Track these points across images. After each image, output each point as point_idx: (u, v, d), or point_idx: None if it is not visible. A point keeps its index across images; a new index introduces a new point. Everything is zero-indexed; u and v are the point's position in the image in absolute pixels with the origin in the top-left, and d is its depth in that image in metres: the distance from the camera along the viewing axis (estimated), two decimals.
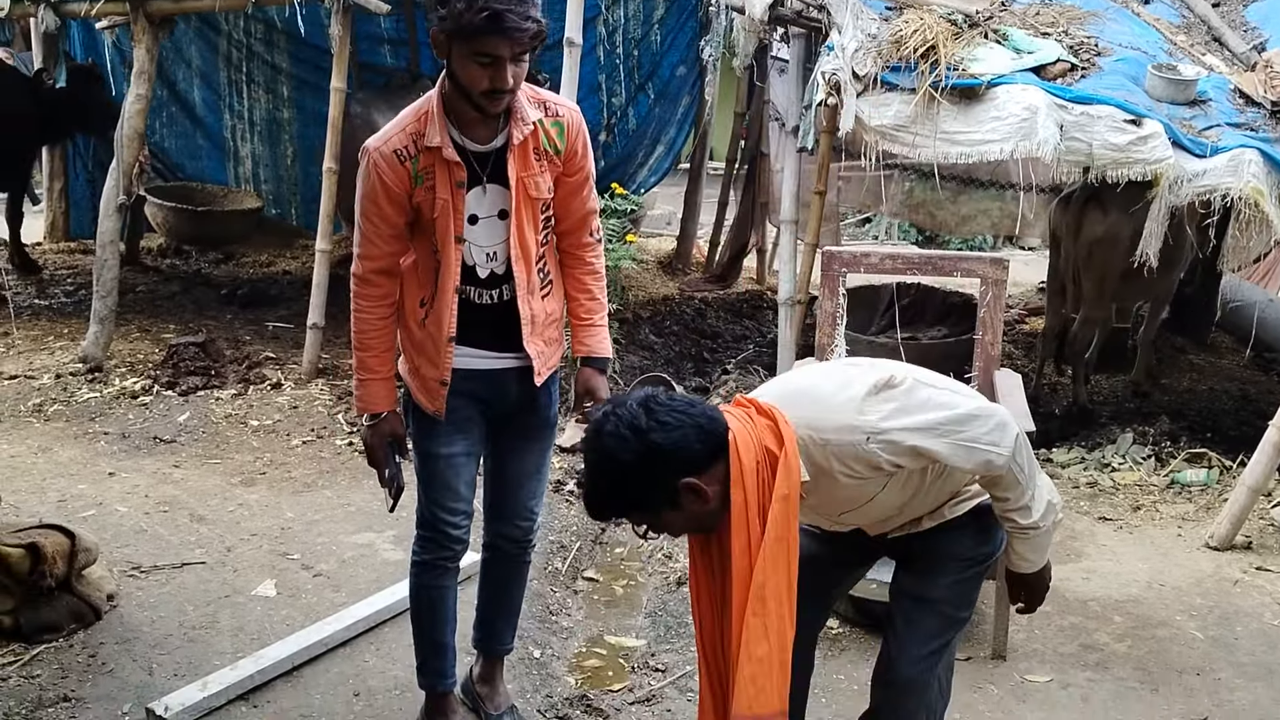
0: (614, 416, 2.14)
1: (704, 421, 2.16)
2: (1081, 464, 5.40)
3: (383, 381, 2.80)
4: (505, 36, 2.43)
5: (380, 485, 2.89)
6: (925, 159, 5.02)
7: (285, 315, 7.03)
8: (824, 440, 2.20)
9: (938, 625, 2.52)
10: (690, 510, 2.18)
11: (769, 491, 2.15)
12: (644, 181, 9.10)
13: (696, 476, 2.13)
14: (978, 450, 2.24)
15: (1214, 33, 5.89)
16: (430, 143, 2.61)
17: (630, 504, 2.19)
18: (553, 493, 4.81)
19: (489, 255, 2.73)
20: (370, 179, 2.64)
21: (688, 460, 2.13)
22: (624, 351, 6.41)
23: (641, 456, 2.10)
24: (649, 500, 2.16)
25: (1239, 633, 3.95)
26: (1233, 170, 4.81)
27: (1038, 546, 2.49)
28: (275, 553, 4.18)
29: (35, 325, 6.77)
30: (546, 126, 2.70)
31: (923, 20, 5.11)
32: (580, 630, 3.96)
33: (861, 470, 2.22)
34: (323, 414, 5.54)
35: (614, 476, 2.14)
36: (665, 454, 2.11)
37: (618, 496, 2.17)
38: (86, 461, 4.93)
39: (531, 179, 2.69)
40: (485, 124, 2.64)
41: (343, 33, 5.86)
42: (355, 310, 2.79)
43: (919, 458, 2.23)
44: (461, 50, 2.48)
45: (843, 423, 2.19)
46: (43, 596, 3.48)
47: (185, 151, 8.96)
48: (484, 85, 2.50)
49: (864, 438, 2.18)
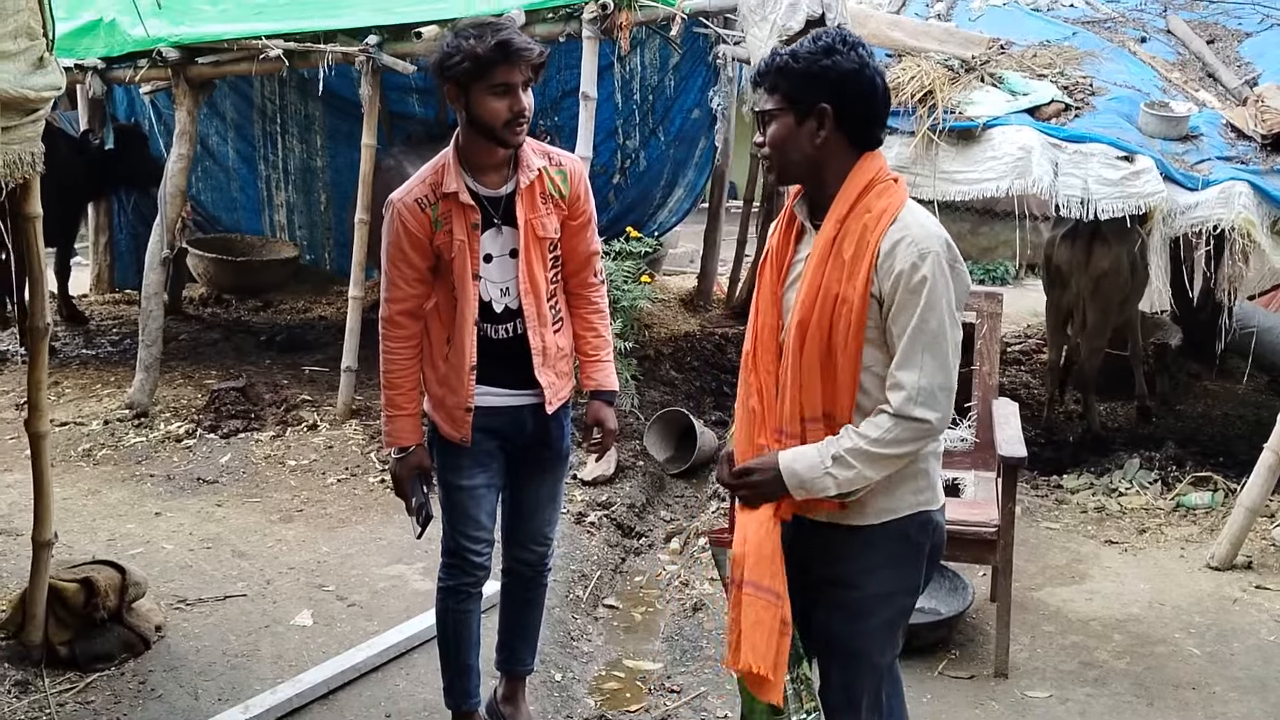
0: (839, 29, 2.37)
1: (881, 103, 2.35)
2: (1090, 489, 5.55)
3: (409, 417, 3.05)
4: (516, 61, 2.75)
5: (408, 514, 3.12)
6: (925, 197, 5.22)
7: (321, 359, 7.30)
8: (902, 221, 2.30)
9: (871, 680, 2.49)
10: (802, 133, 2.32)
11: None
12: (664, 222, 9.35)
13: (836, 113, 2.29)
14: (911, 371, 2.24)
15: (1208, 69, 6.09)
16: (447, 189, 2.90)
17: (786, 76, 2.32)
18: (574, 524, 5.03)
19: (502, 290, 2.99)
20: (395, 227, 2.93)
21: (843, 96, 2.28)
22: (644, 387, 6.62)
23: (826, 53, 2.28)
24: (796, 88, 2.30)
25: (1236, 649, 4.09)
26: (1224, 202, 5.00)
27: (806, 460, 2.30)
28: (312, 585, 4.42)
29: (84, 374, 7.09)
30: (551, 174, 3.00)
31: (920, 67, 5.35)
32: (600, 654, 4.16)
33: (865, 262, 2.27)
34: (356, 453, 5.79)
35: (799, 53, 2.30)
36: (841, 72, 2.27)
37: (785, 66, 2.32)
38: (134, 502, 5.21)
39: (539, 220, 2.97)
40: (496, 170, 2.93)
41: (372, 92, 6.16)
42: (384, 351, 3.04)
43: (896, 312, 2.25)
44: (478, 89, 2.78)
45: (924, 232, 2.28)
46: (96, 628, 3.71)
47: (221, 204, 9.32)
48: (505, 115, 2.79)
49: (918, 247, 2.24)
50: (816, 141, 2.32)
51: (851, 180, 2.33)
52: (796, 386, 2.35)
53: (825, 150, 2.33)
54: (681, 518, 5.47)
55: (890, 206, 2.30)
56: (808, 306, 2.33)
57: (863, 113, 2.33)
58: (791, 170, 2.39)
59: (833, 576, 2.47)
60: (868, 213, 2.30)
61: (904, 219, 2.29)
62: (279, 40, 6.05)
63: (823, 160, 2.34)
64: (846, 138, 2.33)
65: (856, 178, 2.33)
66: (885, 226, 2.28)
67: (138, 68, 6.46)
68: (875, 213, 2.30)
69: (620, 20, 5.77)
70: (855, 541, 2.41)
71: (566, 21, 5.93)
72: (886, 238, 2.27)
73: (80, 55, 6.46)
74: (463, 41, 2.76)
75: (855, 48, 2.31)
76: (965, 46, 5.74)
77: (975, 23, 6.74)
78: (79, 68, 6.54)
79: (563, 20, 5.94)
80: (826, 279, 2.31)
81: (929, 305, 2.23)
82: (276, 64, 6.13)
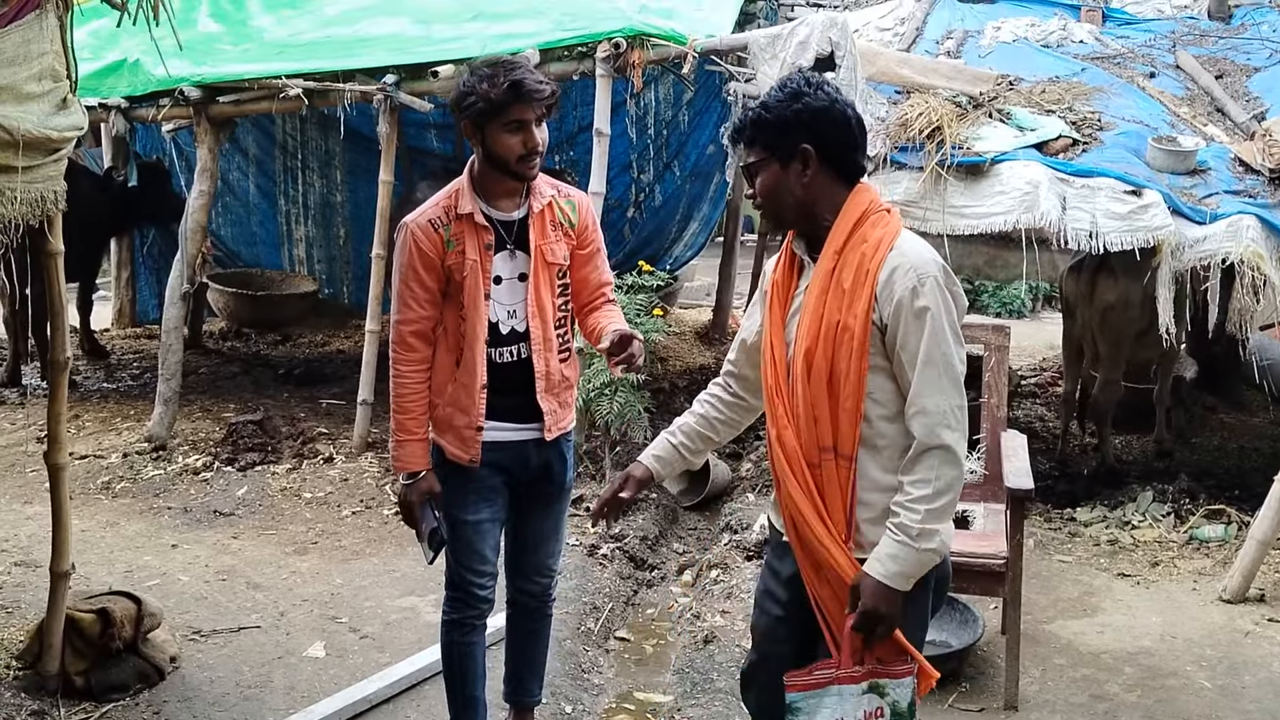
0: (800, 73, 2.46)
1: (857, 131, 2.43)
2: (1103, 522, 5.54)
3: (419, 442, 3.08)
4: (528, 101, 2.86)
5: (418, 540, 3.14)
6: (934, 231, 5.27)
7: (338, 393, 7.37)
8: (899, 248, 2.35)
9: None
10: (789, 177, 2.40)
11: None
12: (679, 256, 9.42)
13: (817, 150, 2.37)
14: (931, 396, 2.29)
15: (1216, 103, 6.12)
16: (462, 211, 2.99)
17: (763, 129, 2.41)
18: (587, 556, 5.06)
19: (510, 312, 3.05)
20: (408, 248, 3.01)
21: (821, 135, 2.37)
22: (658, 419, 6.64)
23: (796, 98, 2.37)
24: (775, 138, 2.39)
25: (1247, 681, 4.07)
26: (1232, 235, 5.02)
27: (898, 557, 2.29)
28: (325, 616, 4.46)
29: (104, 407, 7.18)
30: (561, 204, 3.11)
31: (928, 104, 5.41)
32: (611, 687, 4.18)
33: (866, 290, 2.32)
34: (371, 485, 5.84)
35: (769, 104, 2.40)
36: (813, 112, 2.36)
37: (760, 120, 2.41)
38: (151, 535, 5.27)
39: (549, 246, 3.06)
40: (509, 196, 3.03)
41: (390, 130, 6.26)
42: (395, 375, 3.08)
43: (903, 339, 2.31)
44: (493, 126, 2.90)
45: (921, 258, 2.34)
46: (111, 658, 3.76)
47: (240, 238, 9.45)
48: (519, 150, 2.91)
49: (917, 272, 2.31)
50: (805, 181, 2.40)
51: (846, 212, 2.40)
52: (810, 418, 2.40)
53: (814, 188, 2.41)
54: (694, 550, 5.50)
55: (886, 235, 2.37)
56: (811, 336, 2.38)
57: (842, 144, 2.41)
58: (788, 214, 2.47)
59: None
60: (864, 242, 2.36)
61: (900, 246, 2.35)
62: (299, 80, 6.16)
63: (814, 198, 2.42)
64: (833, 171, 2.41)
65: (851, 210, 2.40)
66: (883, 255, 2.34)
67: (160, 106, 6.60)
68: (872, 242, 2.36)
69: (633, 59, 5.86)
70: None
71: (580, 60, 6.03)
72: (885, 265, 2.33)
73: (105, 94, 6.60)
74: (478, 84, 2.87)
75: (820, 86, 2.40)
76: (973, 83, 5.80)
77: (985, 59, 6.81)
78: (103, 106, 6.68)
79: (577, 59, 6.04)
80: (828, 309, 2.37)
81: (936, 330, 2.30)
82: (296, 103, 6.24)
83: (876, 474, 2.39)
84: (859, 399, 2.35)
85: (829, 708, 2.36)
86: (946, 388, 2.31)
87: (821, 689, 2.36)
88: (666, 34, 5.90)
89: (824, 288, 2.38)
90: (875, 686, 2.36)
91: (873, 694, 2.36)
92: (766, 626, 2.64)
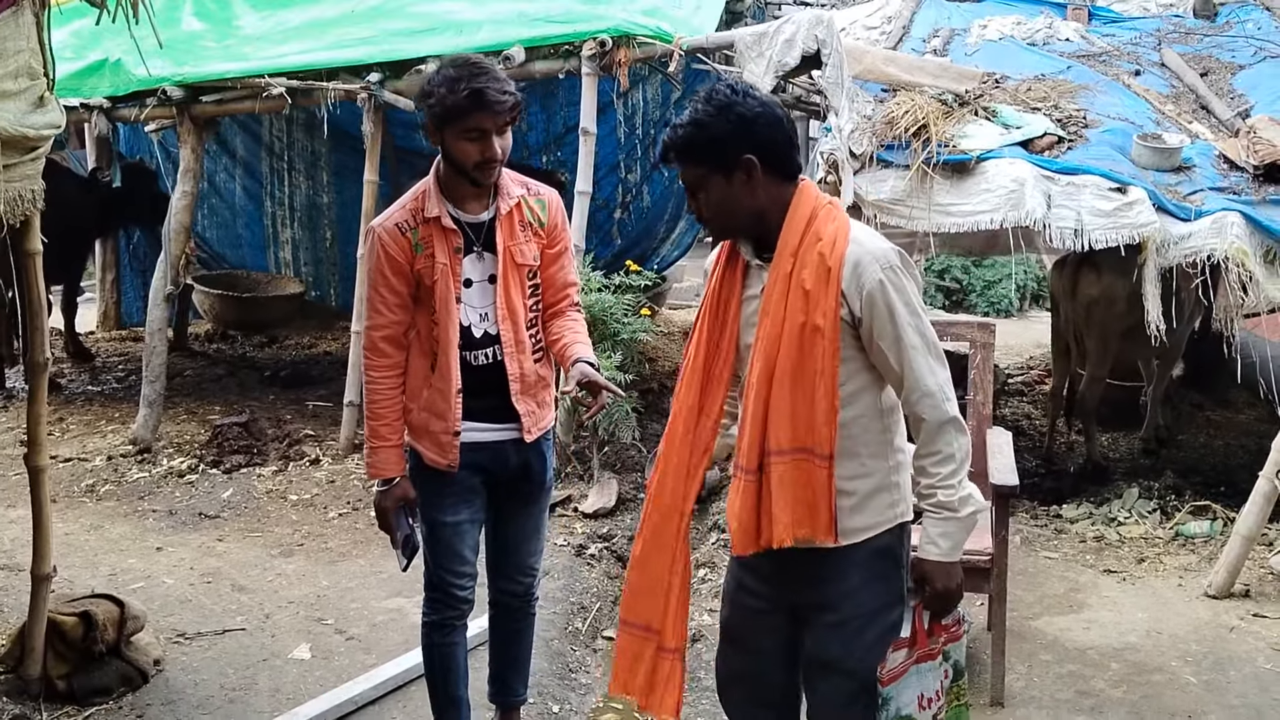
0: (723, 82, 2.43)
1: (790, 130, 2.42)
2: (1089, 519, 5.55)
3: (393, 449, 3.05)
4: (488, 111, 2.80)
5: (393, 547, 3.13)
6: (921, 230, 5.27)
7: (325, 394, 7.34)
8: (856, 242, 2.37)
9: (865, 694, 2.46)
10: (735, 188, 2.38)
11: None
12: (666, 256, 9.42)
13: (760, 163, 2.36)
14: (927, 377, 2.34)
15: (1201, 101, 6.14)
16: (429, 214, 2.95)
17: (700, 147, 2.37)
18: (575, 556, 5.04)
19: (481, 315, 3.02)
20: (376, 253, 2.97)
21: (760, 141, 2.35)
22: (646, 420, 6.64)
23: (727, 109, 2.34)
24: (715, 153, 2.36)
25: (1232, 676, 4.08)
26: (1216, 232, 5.03)
27: (949, 533, 2.40)
28: (311, 618, 4.43)
29: (88, 410, 7.14)
30: (530, 203, 3.06)
31: (914, 101, 5.41)
32: (598, 686, 4.16)
33: (832, 288, 2.33)
34: (358, 487, 5.82)
35: (700, 120, 2.36)
36: (747, 121, 2.34)
37: (694, 137, 2.37)
38: (136, 537, 5.23)
39: (518, 247, 3.02)
40: (476, 198, 2.99)
41: (374, 130, 6.24)
42: (367, 382, 3.06)
43: (880, 330, 2.34)
44: (452, 132, 2.85)
45: (879, 247, 2.37)
46: (94, 661, 3.73)
47: (226, 240, 9.42)
48: (476, 158, 2.86)
49: (880, 263, 2.33)
50: (752, 189, 2.39)
51: (795, 212, 2.40)
52: (760, 421, 2.39)
53: (761, 194, 2.40)
54: None
55: (840, 229, 2.38)
56: (773, 340, 2.38)
57: (780, 145, 2.40)
58: (741, 224, 2.46)
59: (819, 601, 2.49)
60: (819, 240, 2.36)
61: (856, 238, 2.38)
62: (282, 79, 6.13)
63: (763, 204, 2.41)
64: (776, 174, 2.40)
65: (800, 209, 2.40)
66: (842, 249, 2.35)
67: (143, 106, 6.56)
68: (828, 239, 2.36)
69: (619, 57, 5.84)
70: (837, 564, 2.44)
71: (566, 58, 6.01)
72: (846, 259, 2.34)
73: (86, 95, 6.56)
74: (438, 87, 2.82)
75: (747, 93, 2.39)
76: (959, 81, 5.81)
77: (971, 58, 6.81)
78: (85, 107, 6.64)
79: (562, 57, 6.02)
80: (790, 310, 2.36)
81: (911, 314, 2.35)
82: (279, 102, 6.22)
83: (852, 465, 2.41)
84: (834, 397, 2.36)
85: (911, 689, 2.45)
86: (935, 366, 2.37)
87: (903, 675, 2.45)
88: (653, 32, 5.88)
89: (784, 290, 2.38)
90: (945, 654, 2.50)
91: (944, 661, 2.49)
92: (743, 620, 2.62)
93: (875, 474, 2.43)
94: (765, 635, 2.60)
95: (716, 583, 4.87)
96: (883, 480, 2.43)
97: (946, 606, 2.46)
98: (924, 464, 2.39)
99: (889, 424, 2.45)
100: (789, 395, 2.36)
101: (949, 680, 2.50)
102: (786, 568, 2.48)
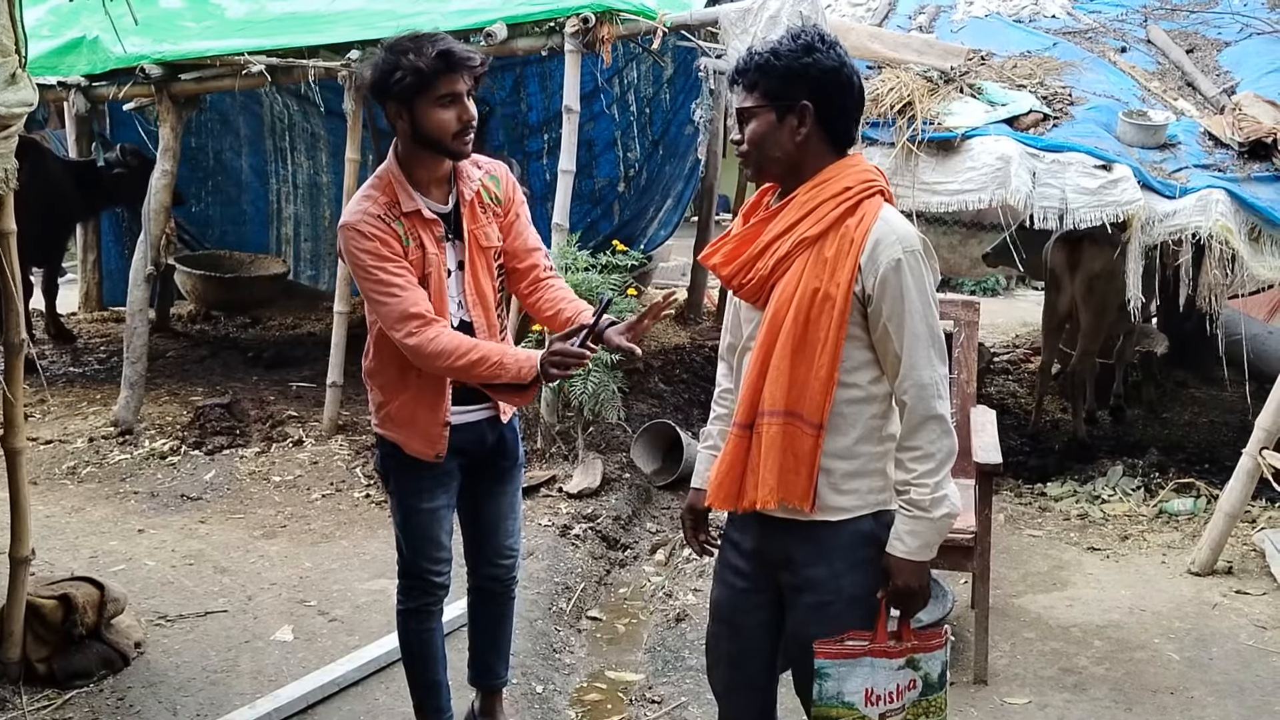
0: (815, 28, 2.41)
1: (857, 102, 2.40)
2: (1073, 497, 5.57)
3: (512, 356, 2.84)
4: (459, 70, 2.72)
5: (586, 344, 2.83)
6: (906, 208, 5.24)
7: (308, 375, 7.30)
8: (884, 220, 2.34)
9: None
10: (783, 130, 2.34)
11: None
12: (654, 236, 9.37)
13: (816, 110, 2.33)
14: (924, 369, 2.31)
15: (1187, 78, 6.13)
16: (408, 208, 2.84)
17: (767, 74, 2.34)
18: (559, 536, 5.03)
19: (458, 304, 2.97)
20: (367, 242, 2.79)
21: (824, 93, 2.32)
22: (632, 399, 6.63)
23: (807, 50, 2.31)
24: (778, 86, 2.33)
25: (1214, 653, 4.10)
26: (1201, 210, 5.02)
27: (917, 531, 2.35)
28: (293, 600, 4.41)
29: (70, 391, 7.09)
30: (486, 182, 2.99)
31: (899, 78, 5.38)
32: (582, 666, 4.16)
33: (850, 260, 2.30)
34: (341, 468, 5.79)
35: (780, 50, 2.33)
36: (821, 69, 2.31)
37: (766, 64, 2.34)
38: (117, 520, 5.20)
39: (481, 230, 2.96)
40: (438, 185, 2.90)
41: (355, 107, 6.18)
42: (442, 355, 2.78)
43: (889, 311, 2.30)
44: (423, 103, 2.73)
45: (905, 230, 2.34)
46: (74, 644, 3.70)
47: (229, 217, 9.41)
48: (454, 126, 2.76)
49: (902, 244, 2.30)
50: (797, 139, 2.35)
51: (827, 176, 2.36)
52: (759, 377, 2.38)
53: (805, 147, 2.36)
54: (668, 529, 5.47)
55: (872, 208, 2.35)
56: (783, 302, 2.36)
57: (841, 109, 2.37)
58: (771, 167, 2.42)
59: (802, 583, 2.48)
60: (851, 215, 2.34)
61: (885, 217, 2.34)
62: (261, 56, 6.07)
63: (802, 157, 2.37)
64: (826, 134, 2.37)
65: (835, 179, 2.36)
66: (868, 225, 2.32)
67: (121, 84, 6.48)
68: (858, 215, 2.34)
69: (602, 33, 5.78)
70: (819, 545, 2.42)
71: (549, 35, 5.94)
72: (870, 235, 2.31)
73: (64, 73, 6.48)
74: (401, 57, 2.70)
75: (834, 46, 2.35)
76: (944, 58, 5.77)
77: (957, 35, 6.79)
78: (63, 85, 6.56)
79: (545, 34, 5.95)
80: (806, 275, 2.34)
81: (923, 303, 2.31)
82: (259, 80, 6.14)
83: (840, 441, 2.38)
84: (834, 368, 2.34)
85: (859, 677, 2.41)
86: (934, 360, 2.33)
87: (854, 659, 2.41)
88: (636, 8, 5.83)
89: (804, 258, 2.35)
90: (911, 661, 2.44)
91: (909, 668, 2.43)
92: (730, 599, 2.62)
93: (861, 457, 2.41)
94: (751, 614, 2.60)
95: (701, 563, 4.87)
96: (867, 465, 2.40)
97: (909, 605, 2.40)
98: (903, 457, 2.36)
99: (885, 411, 2.42)
100: (789, 359, 2.35)
101: (915, 690, 2.43)
102: (770, 541, 2.48)
